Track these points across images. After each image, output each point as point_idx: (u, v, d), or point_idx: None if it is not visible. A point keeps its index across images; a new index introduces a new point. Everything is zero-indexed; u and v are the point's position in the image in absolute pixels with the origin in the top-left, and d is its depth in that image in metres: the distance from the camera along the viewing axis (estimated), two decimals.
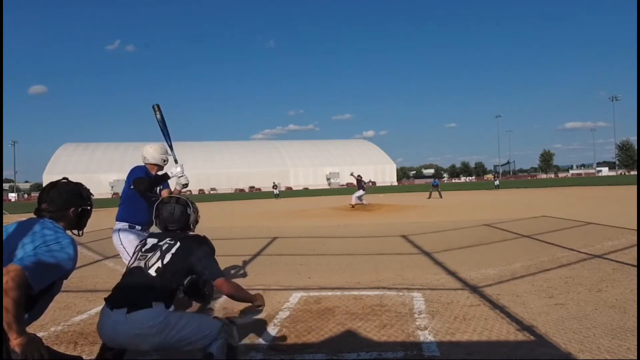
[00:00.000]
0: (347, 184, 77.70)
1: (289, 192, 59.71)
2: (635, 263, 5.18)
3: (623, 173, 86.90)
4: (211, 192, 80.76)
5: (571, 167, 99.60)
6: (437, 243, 7.73)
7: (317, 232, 10.42)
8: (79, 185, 2.19)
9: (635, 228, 7.53)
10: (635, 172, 77.70)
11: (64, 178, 2.19)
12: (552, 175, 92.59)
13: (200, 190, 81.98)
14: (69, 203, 2.07)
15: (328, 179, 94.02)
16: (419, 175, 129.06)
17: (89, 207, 2.18)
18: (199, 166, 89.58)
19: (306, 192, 37.73)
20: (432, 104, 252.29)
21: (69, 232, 2.04)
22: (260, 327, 3.54)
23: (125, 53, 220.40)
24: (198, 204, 2.79)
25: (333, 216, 15.67)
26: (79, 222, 2.15)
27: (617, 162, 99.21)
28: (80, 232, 2.17)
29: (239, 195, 61.52)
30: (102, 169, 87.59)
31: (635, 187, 24.63)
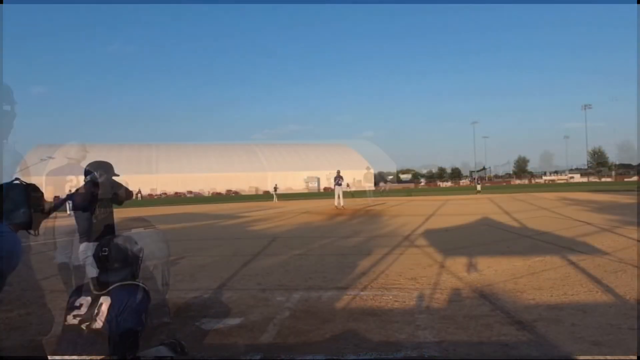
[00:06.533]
0: (324, 189, 74.99)
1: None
2: (636, 263, 5.19)
3: (590, 179, 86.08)
4: (187, 194, 78.16)
5: (544, 174, 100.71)
6: (437, 243, 7.73)
7: (317, 232, 10.41)
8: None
9: (635, 228, 7.54)
10: (607, 179, 78.84)
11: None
12: (526, 181, 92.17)
13: (176, 193, 79.51)
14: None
15: (306, 183, 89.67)
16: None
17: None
18: (175, 169, 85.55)
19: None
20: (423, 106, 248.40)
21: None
22: (260, 327, 3.55)
23: (125, 54, 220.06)
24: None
25: (333, 216, 15.67)
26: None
27: (589, 169, 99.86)
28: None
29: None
30: None
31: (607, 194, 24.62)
